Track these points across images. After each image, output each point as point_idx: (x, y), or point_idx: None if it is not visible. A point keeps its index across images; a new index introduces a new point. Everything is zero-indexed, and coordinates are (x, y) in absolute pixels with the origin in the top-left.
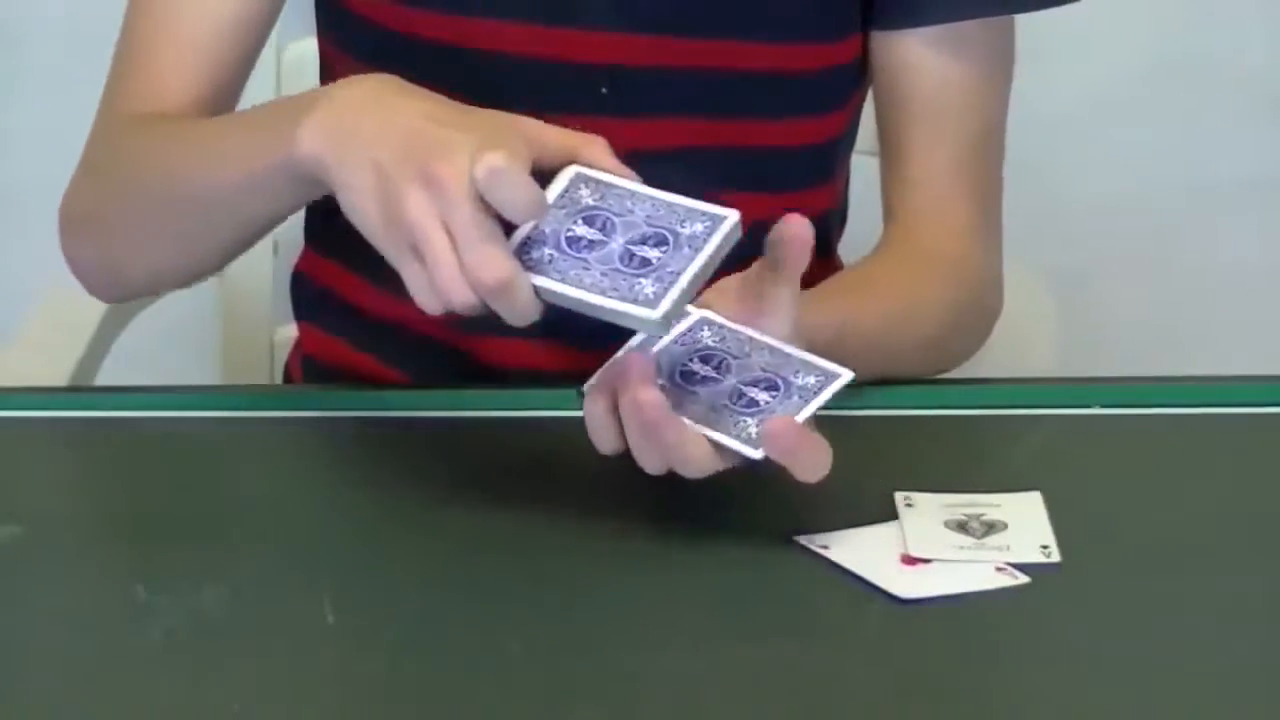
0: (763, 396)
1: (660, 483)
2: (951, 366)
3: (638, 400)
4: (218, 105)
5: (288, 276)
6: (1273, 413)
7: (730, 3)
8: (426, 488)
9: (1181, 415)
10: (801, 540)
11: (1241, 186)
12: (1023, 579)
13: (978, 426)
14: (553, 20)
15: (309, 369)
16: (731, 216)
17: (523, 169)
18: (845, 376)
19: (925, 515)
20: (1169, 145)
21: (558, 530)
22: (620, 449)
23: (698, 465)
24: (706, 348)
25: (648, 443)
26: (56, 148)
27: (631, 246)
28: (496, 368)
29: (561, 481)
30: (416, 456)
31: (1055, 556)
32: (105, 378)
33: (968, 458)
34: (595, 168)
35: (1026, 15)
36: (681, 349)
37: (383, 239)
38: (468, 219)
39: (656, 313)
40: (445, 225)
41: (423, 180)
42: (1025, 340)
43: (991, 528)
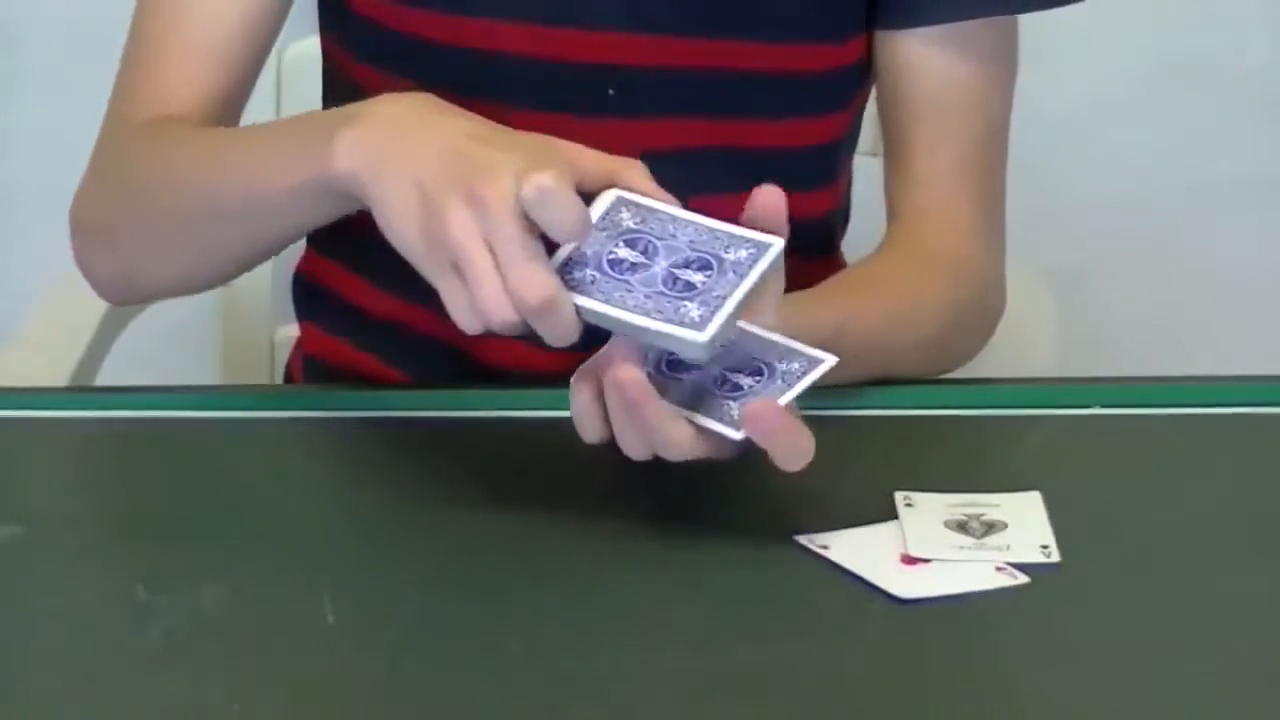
0: (747, 381)
1: (660, 483)
2: (954, 366)
3: (619, 379)
4: (228, 107)
5: (288, 276)
6: (1273, 413)
7: (733, 3)
8: (426, 488)
9: (1181, 415)
10: (801, 540)
11: (1241, 186)
12: (1023, 579)
13: (978, 426)
14: (553, 21)
15: (310, 369)
16: (777, 244)
17: (570, 189)
18: (829, 361)
19: (925, 515)
20: (1169, 145)
21: (558, 530)
22: (605, 437)
23: (679, 448)
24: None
25: (630, 424)
26: (56, 148)
27: (675, 270)
28: (497, 368)
29: (561, 481)
30: (417, 456)
31: (1055, 556)
32: (105, 378)
33: (968, 458)
34: (635, 191)
35: (1028, 15)
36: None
37: (422, 257)
38: (513, 237)
39: (704, 336)
40: (488, 244)
41: (467, 199)
42: (1025, 340)
43: (991, 528)
